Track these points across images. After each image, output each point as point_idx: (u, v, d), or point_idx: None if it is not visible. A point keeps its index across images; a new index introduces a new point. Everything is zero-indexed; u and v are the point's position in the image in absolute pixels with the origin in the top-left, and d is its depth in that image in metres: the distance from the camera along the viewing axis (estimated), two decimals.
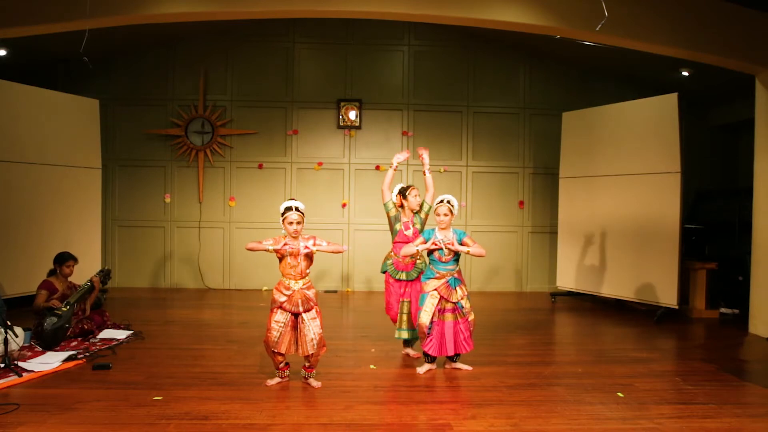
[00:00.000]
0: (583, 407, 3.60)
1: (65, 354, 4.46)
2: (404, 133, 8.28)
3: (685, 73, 7.34)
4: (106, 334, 5.14)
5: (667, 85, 7.40)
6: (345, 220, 8.20)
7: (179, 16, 5.37)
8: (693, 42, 5.63)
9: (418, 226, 4.67)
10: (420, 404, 3.62)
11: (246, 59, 8.20)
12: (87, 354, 4.54)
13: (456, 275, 4.25)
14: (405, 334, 4.67)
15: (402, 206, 4.74)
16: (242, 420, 3.30)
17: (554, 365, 4.62)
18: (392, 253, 4.71)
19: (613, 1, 5.14)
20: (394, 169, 4.74)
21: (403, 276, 4.65)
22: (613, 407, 3.60)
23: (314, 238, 3.90)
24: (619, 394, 3.82)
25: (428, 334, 4.19)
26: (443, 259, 4.24)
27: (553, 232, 8.06)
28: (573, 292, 7.56)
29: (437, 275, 4.23)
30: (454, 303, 4.21)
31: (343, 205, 8.23)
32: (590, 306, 7.38)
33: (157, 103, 8.12)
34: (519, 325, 6.23)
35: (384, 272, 4.75)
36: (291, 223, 3.80)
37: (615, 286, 6.91)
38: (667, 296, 6.33)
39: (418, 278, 4.61)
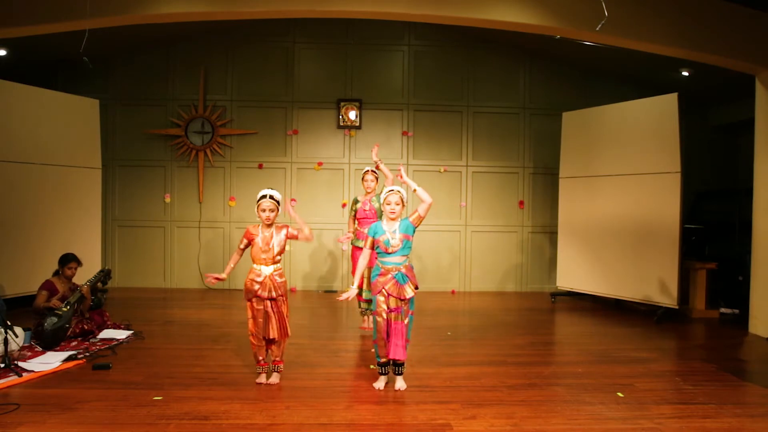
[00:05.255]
0: (583, 407, 3.60)
1: (65, 354, 4.46)
2: (404, 133, 8.28)
3: (685, 73, 7.34)
4: (106, 334, 5.14)
5: (667, 85, 7.39)
6: (345, 221, 8.18)
7: (179, 16, 5.37)
8: (693, 42, 5.63)
9: (375, 205, 5.54)
10: (420, 404, 3.62)
11: (246, 59, 8.20)
12: (87, 354, 4.54)
13: (403, 270, 3.82)
14: (365, 295, 5.47)
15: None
16: (242, 420, 3.30)
17: (554, 365, 4.62)
18: (357, 227, 5.62)
19: (613, 1, 5.15)
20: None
21: (362, 244, 5.35)
22: (613, 407, 3.60)
23: (287, 227, 4.00)
24: (619, 394, 3.82)
25: (387, 338, 3.81)
26: (389, 250, 3.80)
27: (553, 232, 8.06)
28: (573, 292, 7.56)
29: (382, 270, 3.82)
30: (403, 300, 3.79)
31: (343, 205, 8.22)
32: (590, 306, 7.38)
33: (157, 103, 8.12)
34: (519, 325, 6.23)
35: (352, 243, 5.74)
36: (264, 210, 3.91)
37: (615, 286, 6.91)
38: (667, 296, 6.33)
39: None
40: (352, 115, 8.21)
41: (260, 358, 4.00)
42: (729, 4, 5.63)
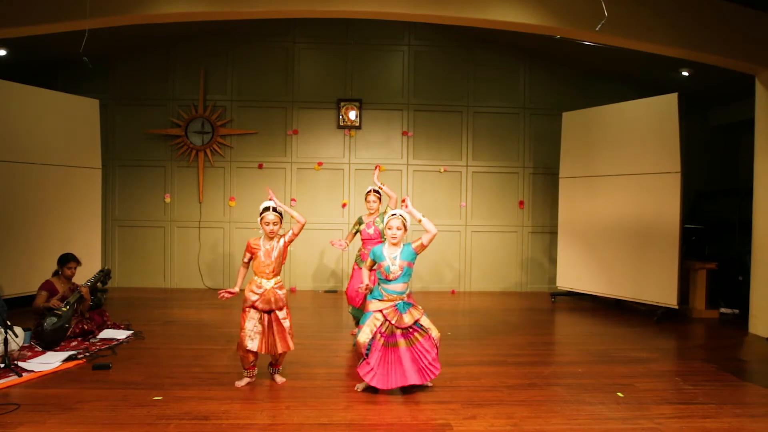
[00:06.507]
0: (583, 407, 3.60)
1: (65, 354, 4.47)
2: (404, 133, 8.28)
3: (685, 73, 7.34)
4: (106, 334, 5.14)
5: (667, 85, 7.40)
6: (345, 221, 8.19)
7: (179, 16, 5.37)
8: (693, 42, 5.63)
9: (380, 227, 5.20)
10: (420, 404, 3.62)
11: (246, 59, 8.20)
12: (87, 354, 4.54)
13: (406, 299, 3.81)
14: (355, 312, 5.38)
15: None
16: (242, 420, 3.30)
17: (554, 365, 4.62)
18: (361, 248, 5.42)
19: (613, 1, 5.15)
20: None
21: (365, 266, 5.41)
22: (613, 407, 3.60)
23: (283, 236, 3.98)
24: (619, 394, 3.82)
25: (366, 356, 3.71)
26: (389, 277, 3.75)
27: (553, 232, 8.06)
28: (573, 292, 7.56)
29: (384, 297, 3.77)
30: (405, 328, 3.73)
31: (343, 205, 8.22)
32: (590, 306, 7.38)
33: (157, 103, 8.12)
34: (519, 325, 6.23)
35: (355, 262, 5.57)
36: (268, 223, 3.91)
37: (615, 286, 6.91)
38: (667, 296, 6.33)
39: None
40: (352, 115, 8.21)
41: (246, 364, 3.93)
42: (729, 4, 5.63)
